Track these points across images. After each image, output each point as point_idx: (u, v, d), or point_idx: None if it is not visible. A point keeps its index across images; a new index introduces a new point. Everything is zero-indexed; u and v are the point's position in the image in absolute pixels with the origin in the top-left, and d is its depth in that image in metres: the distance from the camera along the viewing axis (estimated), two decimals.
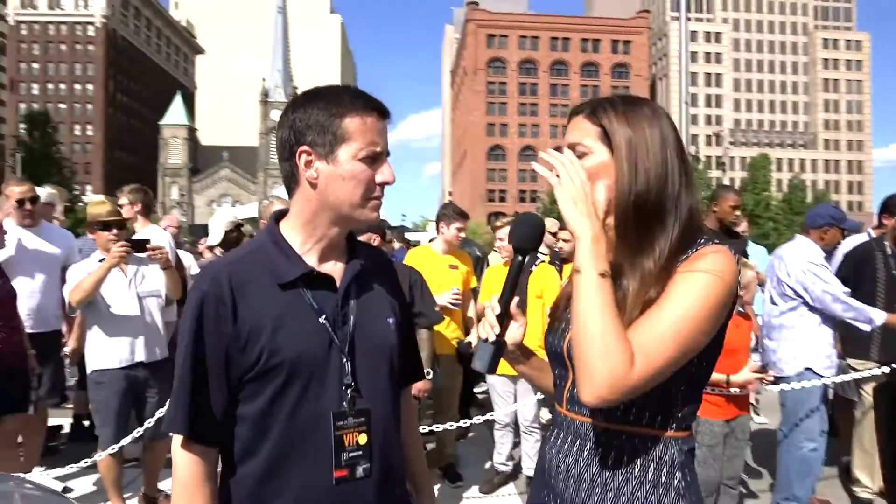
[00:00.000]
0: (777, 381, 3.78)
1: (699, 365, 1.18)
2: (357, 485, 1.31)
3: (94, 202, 3.86)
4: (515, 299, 1.24)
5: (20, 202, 3.98)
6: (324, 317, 1.31)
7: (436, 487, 4.32)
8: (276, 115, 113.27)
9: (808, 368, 3.66)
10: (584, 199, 1.14)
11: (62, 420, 5.23)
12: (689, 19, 10.43)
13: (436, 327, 4.05)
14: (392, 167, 1.37)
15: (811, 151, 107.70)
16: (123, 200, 4.37)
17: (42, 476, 3.96)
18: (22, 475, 3.07)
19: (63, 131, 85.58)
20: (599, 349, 1.05)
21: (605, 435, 1.20)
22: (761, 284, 4.21)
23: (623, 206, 1.17)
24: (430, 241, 5.18)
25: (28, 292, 3.92)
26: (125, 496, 3.60)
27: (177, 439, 1.28)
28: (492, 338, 1.21)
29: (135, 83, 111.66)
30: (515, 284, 1.24)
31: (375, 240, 3.77)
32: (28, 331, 3.79)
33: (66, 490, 4.07)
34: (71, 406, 5.16)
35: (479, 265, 5.75)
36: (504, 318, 1.23)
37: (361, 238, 3.62)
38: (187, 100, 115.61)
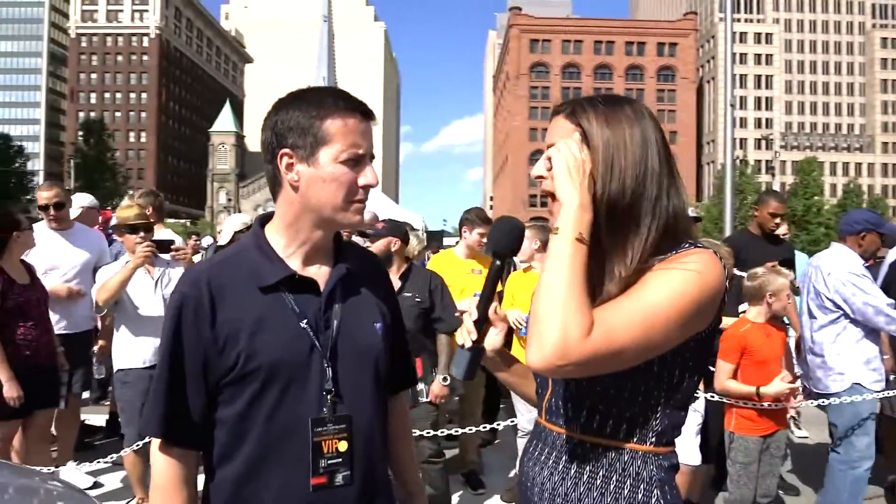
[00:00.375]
0: (820, 397, 3.61)
1: (681, 376, 1.12)
2: (336, 493, 1.28)
3: (122, 206, 3.96)
4: (494, 304, 1.20)
5: (44, 207, 4.10)
6: (305, 321, 1.29)
7: (457, 494, 4.27)
8: None
9: (856, 384, 3.48)
10: (579, 170, 1.11)
11: (100, 417, 5.40)
12: (738, 20, 10.15)
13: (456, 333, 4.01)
14: (375, 170, 1.35)
15: (868, 155, 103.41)
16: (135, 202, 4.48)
17: (74, 471, 4.08)
18: (51, 470, 3.17)
19: (119, 138, 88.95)
20: (556, 309, 0.99)
21: (581, 447, 1.15)
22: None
23: (596, 206, 1.13)
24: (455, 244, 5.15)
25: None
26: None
27: (155, 442, 1.28)
28: (468, 344, 1.18)
29: (186, 92, 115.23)
30: (494, 289, 1.21)
31: (396, 244, 3.75)
32: (61, 332, 3.92)
33: (97, 485, 4.19)
34: (107, 403, 5.33)
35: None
36: (482, 324, 1.19)
37: (381, 241, 3.71)
38: (236, 107, 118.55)
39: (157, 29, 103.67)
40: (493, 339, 1.22)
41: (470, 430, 3.89)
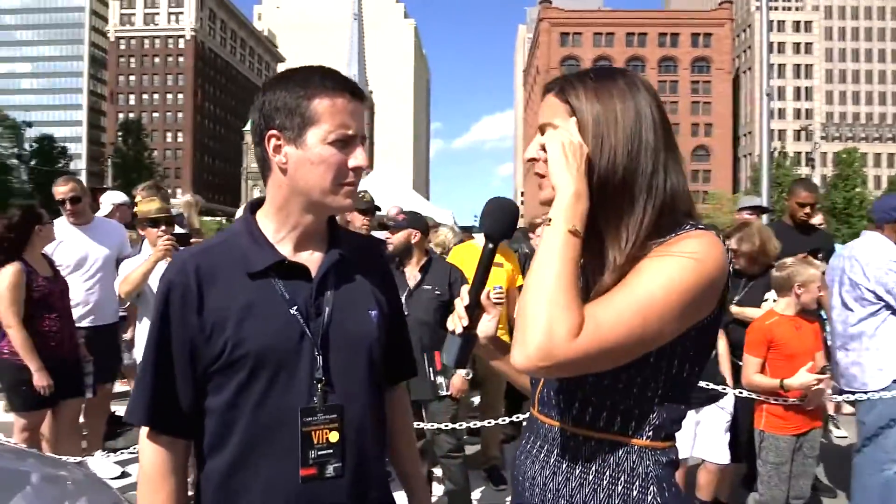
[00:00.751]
0: (851, 394, 3.44)
1: (680, 367, 1.06)
2: (326, 484, 1.24)
3: (144, 200, 4.00)
4: (486, 290, 1.15)
5: (62, 202, 4.16)
6: (295, 308, 1.25)
7: (479, 490, 4.22)
8: None
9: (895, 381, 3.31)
10: (576, 154, 1.04)
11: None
12: (775, 8, 9.82)
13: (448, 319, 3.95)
14: (365, 151, 1.30)
15: None
16: (138, 198, 4.53)
17: (102, 460, 4.16)
18: (79, 459, 3.22)
19: (156, 138, 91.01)
20: (542, 307, 0.93)
21: (574, 441, 1.09)
22: None
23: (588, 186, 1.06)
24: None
25: (85, 288, 4.11)
26: None
27: (143, 430, 1.26)
28: (459, 330, 1.13)
29: (221, 92, 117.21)
30: (486, 274, 1.16)
31: (416, 236, 3.71)
32: (89, 325, 3.99)
33: (124, 475, 4.25)
34: None
35: (528, 263, 5.60)
36: (474, 310, 1.14)
37: (401, 233, 3.67)
38: None
39: (193, 31, 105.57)
40: (486, 326, 1.17)
41: (490, 423, 3.83)
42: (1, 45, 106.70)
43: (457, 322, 1.13)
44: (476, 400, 4.88)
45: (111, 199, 5.13)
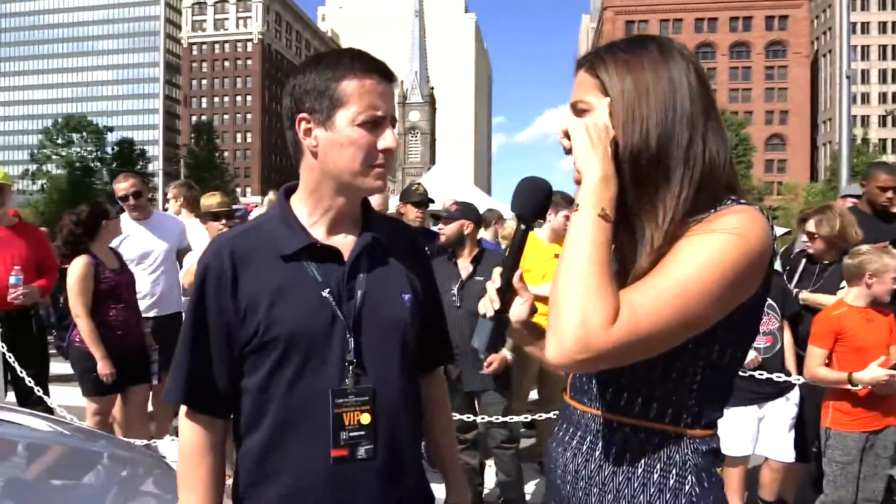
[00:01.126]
0: None
1: (721, 352, 0.99)
2: (358, 466, 1.25)
3: (207, 195, 4.15)
4: (519, 272, 1.11)
5: (124, 198, 4.33)
6: (327, 290, 1.26)
7: (532, 482, 4.18)
8: (414, 115, 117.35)
9: None
10: (601, 136, 1.00)
11: None
12: None
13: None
14: (395, 133, 1.29)
15: None
16: (169, 195, 4.68)
17: (170, 444, 4.33)
18: (146, 443, 3.37)
19: (227, 139, 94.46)
20: (576, 297, 0.89)
21: (608, 428, 1.05)
22: None
23: (620, 163, 1.01)
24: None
25: (150, 280, 4.28)
26: None
27: (183, 409, 1.30)
28: (490, 313, 1.10)
29: None
30: (519, 256, 1.12)
31: (468, 227, 3.69)
32: (154, 315, 4.16)
33: None
34: None
35: None
36: (506, 293, 1.11)
37: (453, 224, 3.65)
38: None
39: (260, 34, 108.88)
40: (519, 310, 1.13)
41: (542, 416, 3.77)
42: (84, 55, 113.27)
43: (488, 305, 1.10)
44: (534, 394, 4.82)
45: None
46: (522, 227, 1.13)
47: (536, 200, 1.12)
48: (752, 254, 0.93)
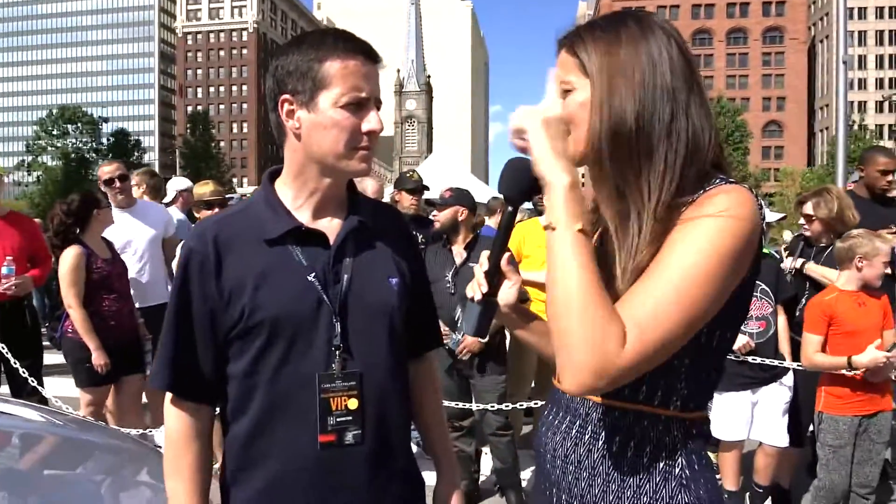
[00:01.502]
0: None
1: (709, 334, 0.98)
2: (345, 451, 1.24)
3: (200, 183, 4.12)
4: (507, 254, 1.10)
5: (108, 182, 4.25)
6: (313, 274, 1.24)
7: (529, 469, 4.18)
8: (410, 104, 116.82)
9: None
10: (559, 133, 0.97)
11: None
12: None
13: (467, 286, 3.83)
14: (379, 115, 1.27)
15: None
16: (132, 182, 4.65)
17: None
18: (141, 432, 3.37)
19: (223, 129, 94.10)
20: (581, 325, 0.87)
21: (596, 411, 1.04)
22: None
23: (596, 142, 0.99)
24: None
25: (135, 270, 4.23)
26: None
27: (168, 396, 1.29)
28: (478, 297, 1.08)
29: None
30: (507, 239, 1.11)
31: (462, 213, 3.67)
32: (138, 305, 4.12)
33: None
34: None
35: None
36: (494, 276, 1.09)
37: (447, 211, 3.63)
38: None
39: (255, 23, 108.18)
40: (507, 294, 1.12)
41: (539, 404, 3.78)
42: (78, 45, 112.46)
43: (476, 289, 1.09)
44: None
45: (175, 185, 5.32)
46: (510, 208, 1.10)
47: (523, 182, 1.08)
48: (744, 236, 0.92)
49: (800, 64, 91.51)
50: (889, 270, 3.08)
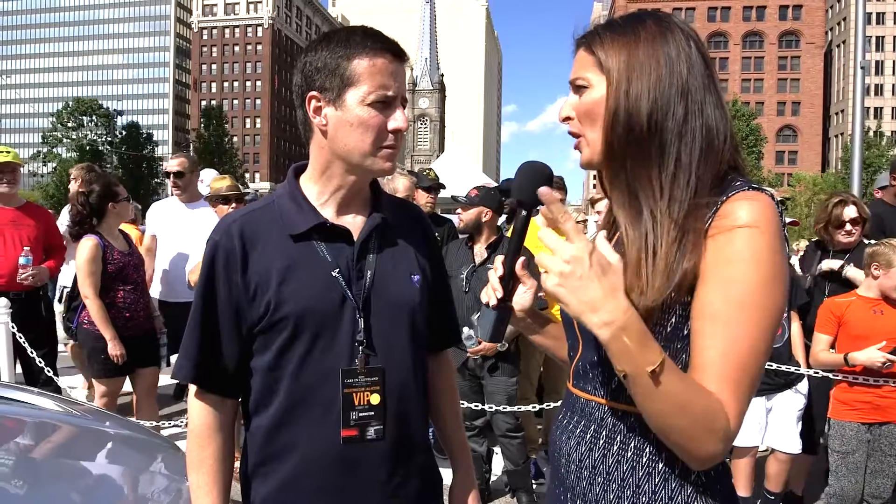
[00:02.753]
0: None
1: None
2: (367, 446, 1.25)
3: (216, 178, 4.13)
4: (521, 259, 1.10)
5: (167, 174, 4.40)
6: (337, 270, 1.25)
7: (541, 471, 4.17)
8: (424, 103, 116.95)
9: None
10: (588, 279, 0.87)
11: None
12: None
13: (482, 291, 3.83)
14: (405, 114, 1.27)
15: None
16: (72, 176, 4.67)
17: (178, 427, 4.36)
18: (154, 424, 3.40)
19: (237, 124, 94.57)
20: (692, 434, 0.87)
21: (612, 416, 1.02)
22: None
23: (610, 141, 0.99)
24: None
25: (184, 265, 4.20)
26: None
27: (192, 389, 1.30)
28: (493, 302, 1.08)
29: None
30: (521, 243, 1.10)
31: (487, 214, 3.63)
32: (182, 300, 4.11)
33: None
34: None
35: None
36: (509, 281, 1.09)
37: (471, 210, 3.61)
38: None
39: (270, 19, 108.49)
40: (522, 298, 1.13)
41: (550, 406, 3.77)
42: (95, 38, 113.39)
43: (491, 294, 1.08)
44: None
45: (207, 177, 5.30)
46: (523, 212, 1.08)
47: (537, 185, 1.05)
48: (778, 248, 0.91)
49: (816, 68, 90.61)
50: None
